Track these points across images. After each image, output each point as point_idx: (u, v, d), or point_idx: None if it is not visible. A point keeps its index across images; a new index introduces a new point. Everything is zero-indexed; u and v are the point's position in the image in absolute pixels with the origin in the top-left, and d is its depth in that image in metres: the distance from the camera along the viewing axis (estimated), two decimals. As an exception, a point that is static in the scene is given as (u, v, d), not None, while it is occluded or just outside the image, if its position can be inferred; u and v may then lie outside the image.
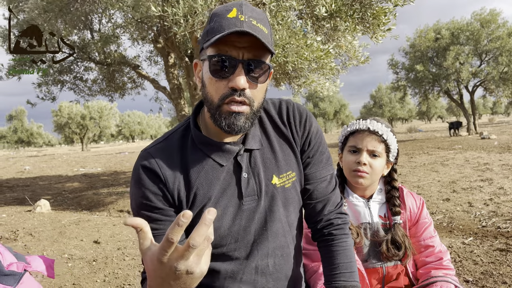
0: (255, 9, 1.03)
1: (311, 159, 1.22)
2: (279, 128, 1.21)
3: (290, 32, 4.89)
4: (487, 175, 7.56)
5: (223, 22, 0.97)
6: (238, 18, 0.97)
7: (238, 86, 0.98)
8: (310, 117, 1.23)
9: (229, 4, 1.02)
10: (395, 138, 1.66)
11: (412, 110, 55.89)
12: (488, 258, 3.42)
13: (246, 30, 0.93)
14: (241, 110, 1.01)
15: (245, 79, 0.99)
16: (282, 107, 1.22)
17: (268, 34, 1.02)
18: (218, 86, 1.02)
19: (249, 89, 1.02)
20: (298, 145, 1.21)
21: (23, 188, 10.52)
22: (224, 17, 0.98)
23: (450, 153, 12.41)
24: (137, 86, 10.44)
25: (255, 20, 0.99)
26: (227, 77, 1.00)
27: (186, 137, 1.15)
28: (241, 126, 1.03)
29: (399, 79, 24.24)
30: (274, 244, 1.17)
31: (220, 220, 1.09)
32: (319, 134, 1.24)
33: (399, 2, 4.90)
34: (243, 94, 1.00)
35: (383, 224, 1.67)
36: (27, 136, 54.52)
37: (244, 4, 1.01)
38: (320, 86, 6.82)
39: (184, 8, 4.19)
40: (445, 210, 5.27)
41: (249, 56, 0.99)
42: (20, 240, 4.66)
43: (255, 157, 1.15)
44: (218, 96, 1.02)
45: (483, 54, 21.55)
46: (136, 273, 3.59)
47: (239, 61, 0.98)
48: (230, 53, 0.98)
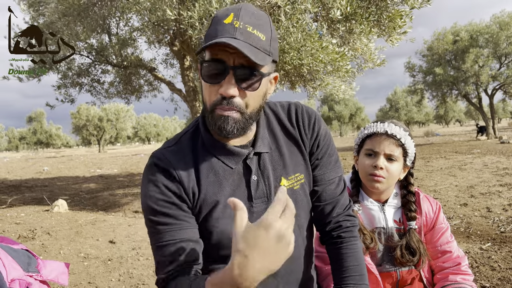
0: (255, 13, 1.00)
1: (319, 161, 1.22)
2: (287, 130, 1.21)
3: (305, 34, 4.88)
4: (506, 180, 7.40)
5: (218, 28, 0.97)
6: (233, 24, 0.95)
7: (227, 94, 0.97)
8: (318, 119, 1.23)
9: (230, 7, 1.01)
10: (413, 142, 1.63)
11: (429, 113, 55.12)
12: (506, 264, 3.34)
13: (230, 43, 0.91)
14: (230, 115, 1.00)
15: (235, 88, 0.98)
16: (291, 110, 1.22)
17: (266, 40, 0.99)
18: (210, 91, 1.02)
19: (239, 96, 1.00)
20: (306, 147, 1.21)
21: (41, 188, 10.72)
22: (221, 22, 0.97)
23: (468, 157, 12.19)
24: (153, 89, 10.54)
25: (251, 26, 0.97)
26: (218, 83, 0.99)
27: (196, 139, 1.15)
28: (229, 130, 1.02)
29: (416, 82, 23.93)
30: None
31: (230, 223, 1.10)
32: (327, 136, 1.24)
33: (415, 4, 4.84)
34: (231, 102, 0.99)
35: (397, 229, 1.64)
36: (46, 137, 55.62)
37: (244, 8, 0.99)
38: (335, 89, 6.78)
39: (199, 11, 4.23)
40: (463, 215, 5.18)
41: (240, 62, 0.97)
42: (38, 239, 4.75)
43: (264, 160, 1.15)
44: (210, 102, 1.03)
45: (503, 57, 21.13)
46: (150, 273, 3.62)
47: (230, 67, 0.97)
48: (221, 57, 0.97)
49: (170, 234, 1.04)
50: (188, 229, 1.06)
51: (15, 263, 1.24)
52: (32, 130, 55.54)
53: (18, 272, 1.21)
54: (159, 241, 1.05)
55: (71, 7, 6.26)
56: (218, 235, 1.09)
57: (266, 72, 1.03)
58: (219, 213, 1.09)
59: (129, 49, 8.99)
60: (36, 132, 55.21)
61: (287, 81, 7.09)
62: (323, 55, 4.97)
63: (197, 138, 1.15)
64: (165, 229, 1.05)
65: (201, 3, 4.29)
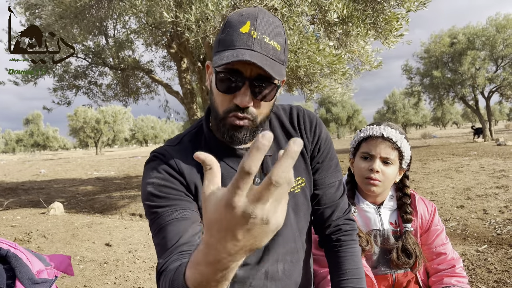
0: (270, 20, 1.00)
1: (320, 165, 1.23)
2: (289, 134, 1.21)
3: (302, 37, 4.89)
4: (503, 182, 7.42)
5: (234, 37, 0.96)
6: (250, 34, 0.95)
7: (243, 104, 0.98)
8: (319, 124, 1.24)
9: (245, 13, 0.99)
10: (408, 145, 1.63)
11: (426, 116, 55.29)
12: (502, 266, 3.35)
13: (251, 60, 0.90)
14: (243, 124, 1.01)
15: (250, 97, 0.98)
16: (293, 113, 1.23)
17: (281, 50, 1.00)
18: (223, 99, 1.01)
19: (254, 106, 1.01)
20: (308, 151, 1.21)
21: (38, 191, 10.68)
22: (237, 30, 0.96)
23: (465, 159, 12.22)
24: (150, 91, 10.54)
25: (268, 37, 0.96)
26: (233, 93, 0.99)
27: (199, 140, 1.15)
28: (241, 139, 1.04)
29: (413, 84, 24.01)
30: (284, 249, 1.17)
31: None
32: (328, 140, 1.24)
33: (412, 7, 4.86)
34: (247, 111, 1.00)
35: (393, 231, 1.64)
36: (43, 139, 55.44)
37: (259, 15, 0.98)
38: (332, 91, 6.79)
39: (196, 14, 4.23)
40: (459, 217, 5.19)
41: (257, 73, 0.97)
42: (34, 242, 4.73)
43: (267, 163, 1.15)
44: (222, 108, 1.02)
45: (499, 59, 21.23)
46: (146, 276, 3.61)
47: (246, 79, 0.97)
48: (238, 68, 0.96)
49: (170, 214, 0.99)
50: (189, 210, 1.02)
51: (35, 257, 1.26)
52: (29, 132, 55.37)
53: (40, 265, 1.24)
54: (159, 225, 1.00)
55: (68, 10, 6.25)
56: None
57: (279, 82, 1.03)
58: None
59: (126, 52, 9.00)
60: (33, 134, 55.04)
61: (284, 84, 7.10)
62: (320, 57, 4.98)
63: (199, 139, 1.15)
64: (165, 211, 1.00)
65: (197, 6, 4.29)
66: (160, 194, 1.02)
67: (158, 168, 1.06)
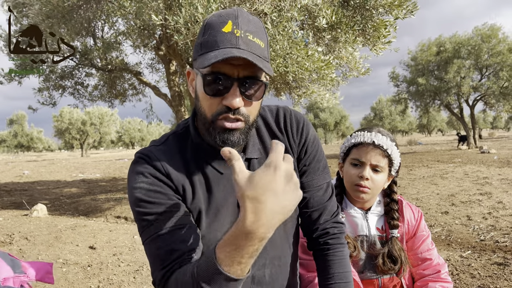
0: (250, 19, 0.99)
1: (307, 167, 1.21)
2: (275, 136, 1.19)
3: (291, 42, 4.91)
4: (486, 189, 7.54)
5: (217, 37, 0.94)
6: (234, 33, 0.93)
7: (233, 105, 0.95)
8: (307, 125, 1.21)
9: (224, 13, 0.97)
10: (398, 152, 1.64)
11: (412, 123, 55.93)
12: (486, 272, 3.39)
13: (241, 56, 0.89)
14: (235, 127, 0.98)
15: (240, 98, 0.96)
16: (280, 115, 1.20)
17: (265, 47, 0.99)
18: (212, 102, 0.98)
19: (245, 106, 0.98)
20: (294, 153, 1.19)
21: (21, 193, 10.48)
22: (219, 30, 0.94)
23: (450, 166, 12.39)
24: (138, 93, 10.46)
25: (251, 34, 0.95)
26: (222, 95, 0.97)
27: (186, 142, 1.12)
28: (235, 142, 1.00)
29: (400, 92, 24.31)
30: (272, 253, 1.15)
31: (220, 229, 1.07)
32: (316, 142, 1.23)
33: (399, 15, 4.93)
34: (238, 112, 0.97)
35: (379, 236, 1.64)
36: (27, 140, 54.47)
37: (239, 15, 0.96)
38: (320, 97, 6.83)
39: (185, 16, 4.22)
40: (444, 223, 5.25)
41: (245, 74, 0.95)
42: (16, 244, 4.63)
43: (254, 166, 1.13)
44: (211, 112, 0.99)
45: (484, 68, 21.65)
46: (131, 279, 3.56)
47: (234, 79, 0.95)
48: (225, 71, 0.94)
49: (163, 222, 0.97)
50: (182, 216, 1.00)
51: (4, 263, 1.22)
52: (12, 133, 54.34)
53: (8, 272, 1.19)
54: (151, 233, 0.97)
55: (55, 9, 6.17)
56: (210, 241, 1.06)
57: (266, 80, 1.02)
58: (210, 218, 1.07)
59: (114, 53, 8.92)
60: (17, 135, 54.02)
61: (273, 88, 7.12)
62: (308, 63, 5.00)
63: (186, 140, 1.12)
64: (156, 219, 0.97)
65: (187, 9, 4.28)
66: (150, 200, 0.99)
67: (143, 171, 1.03)
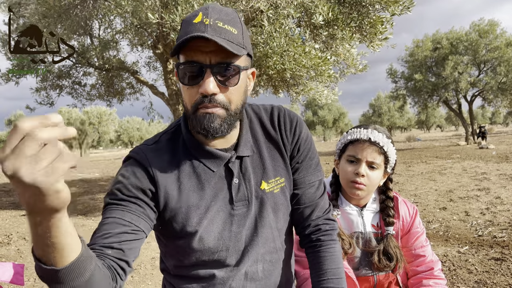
0: (224, 10, 1.01)
1: (300, 165, 1.22)
2: (269, 134, 1.20)
3: (288, 39, 4.91)
4: (484, 185, 7.55)
5: (188, 29, 0.96)
6: (203, 22, 0.95)
7: (207, 91, 0.96)
8: (300, 123, 1.23)
9: (198, 8, 1.01)
10: (394, 149, 1.64)
11: (411, 119, 56.01)
12: (483, 267, 3.40)
13: (204, 36, 0.91)
14: (214, 112, 1.00)
15: (215, 84, 0.97)
16: (274, 113, 1.22)
17: (239, 34, 0.99)
18: (190, 93, 1.01)
19: (222, 93, 1.00)
20: (287, 151, 1.21)
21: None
22: (190, 22, 0.97)
23: (448, 162, 12.41)
24: (135, 92, 10.45)
25: (222, 22, 0.97)
26: (197, 83, 0.98)
27: (177, 140, 1.14)
28: (217, 128, 1.01)
29: (398, 88, 24.32)
30: (263, 249, 1.16)
31: (212, 225, 1.09)
32: (308, 140, 1.24)
33: (396, 11, 4.92)
34: (214, 99, 0.99)
35: (375, 233, 1.65)
36: (25, 140, 54.40)
37: (211, 6, 0.99)
38: (318, 94, 6.83)
39: (181, 14, 4.21)
40: (442, 218, 5.26)
41: (217, 60, 0.97)
42: (13, 244, 4.63)
43: (246, 163, 1.14)
44: (191, 103, 1.01)
45: (482, 64, 21.67)
46: (128, 278, 3.56)
47: (207, 66, 0.96)
48: (197, 59, 0.96)
49: (112, 211, 0.98)
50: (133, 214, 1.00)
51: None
52: (11, 133, 54.30)
53: None
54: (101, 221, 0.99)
55: (52, 9, 6.16)
56: (202, 236, 1.07)
57: (243, 66, 1.02)
58: (200, 215, 1.08)
59: (111, 52, 8.90)
60: (16, 135, 53.98)
61: (270, 86, 7.11)
62: (306, 60, 5.00)
63: (177, 138, 1.14)
64: (111, 208, 0.99)
65: (183, 7, 4.27)
66: (118, 193, 1.01)
67: (128, 169, 1.06)
